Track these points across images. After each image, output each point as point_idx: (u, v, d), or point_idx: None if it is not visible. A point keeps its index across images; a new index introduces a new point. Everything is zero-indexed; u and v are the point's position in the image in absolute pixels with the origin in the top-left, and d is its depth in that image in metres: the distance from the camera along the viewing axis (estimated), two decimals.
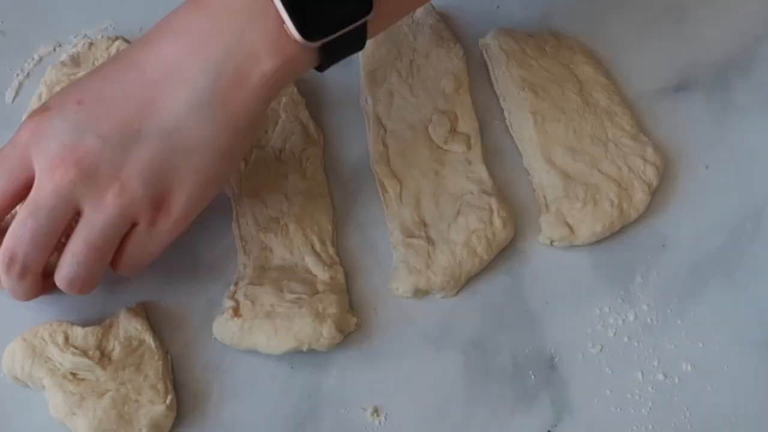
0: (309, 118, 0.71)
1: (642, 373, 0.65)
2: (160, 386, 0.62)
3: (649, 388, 0.65)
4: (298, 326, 0.62)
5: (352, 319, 0.64)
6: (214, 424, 0.63)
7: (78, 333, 0.63)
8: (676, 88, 0.75)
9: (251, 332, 0.63)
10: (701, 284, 0.68)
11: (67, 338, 0.63)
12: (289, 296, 0.64)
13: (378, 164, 0.70)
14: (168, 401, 0.62)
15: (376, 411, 0.64)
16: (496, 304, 0.67)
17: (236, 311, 0.63)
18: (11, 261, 0.58)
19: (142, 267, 0.62)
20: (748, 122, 0.74)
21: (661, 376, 0.65)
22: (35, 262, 0.58)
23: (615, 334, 0.67)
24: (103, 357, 0.63)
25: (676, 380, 0.65)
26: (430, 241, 0.67)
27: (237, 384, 0.64)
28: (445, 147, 0.70)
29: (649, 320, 0.67)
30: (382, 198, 0.70)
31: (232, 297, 0.64)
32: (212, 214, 0.69)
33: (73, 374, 0.62)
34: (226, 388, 0.64)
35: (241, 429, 0.63)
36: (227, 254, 0.68)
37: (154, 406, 0.61)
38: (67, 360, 0.62)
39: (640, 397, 0.65)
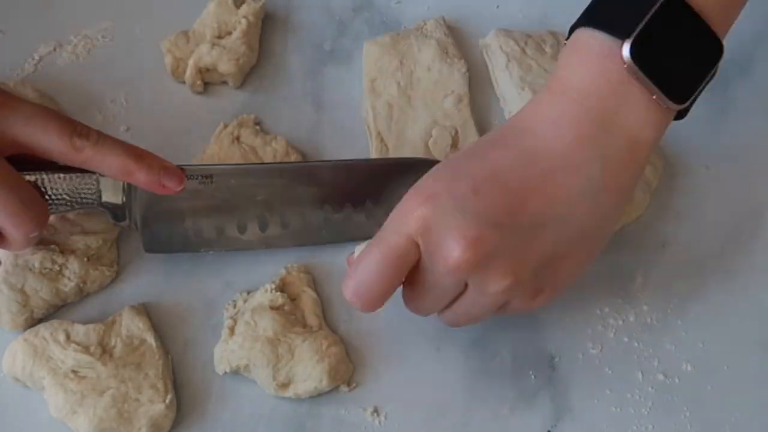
0: None
1: (642, 373, 0.65)
2: (160, 385, 0.62)
3: (649, 388, 0.65)
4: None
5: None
6: (214, 424, 0.63)
7: (79, 330, 0.63)
8: None
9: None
10: (701, 284, 0.68)
11: (68, 336, 0.63)
12: None
13: None
14: (168, 401, 0.62)
15: (376, 411, 0.64)
16: None
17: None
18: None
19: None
20: (748, 122, 0.74)
21: (661, 376, 0.65)
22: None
23: (615, 334, 0.67)
24: (105, 353, 0.63)
25: (676, 380, 0.65)
26: None
27: (237, 384, 0.64)
28: None
29: (649, 320, 0.67)
30: None
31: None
32: None
33: (74, 372, 0.62)
34: (226, 388, 0.64)
35: (241, 429, 0.63)
36: (227, 254, 0.68)
37: (153, 405, 0.61)
38: (68, 357, 0.62)
39: (640, 397, 0.65)
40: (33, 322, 0.64)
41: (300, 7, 0.78)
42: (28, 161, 0.59)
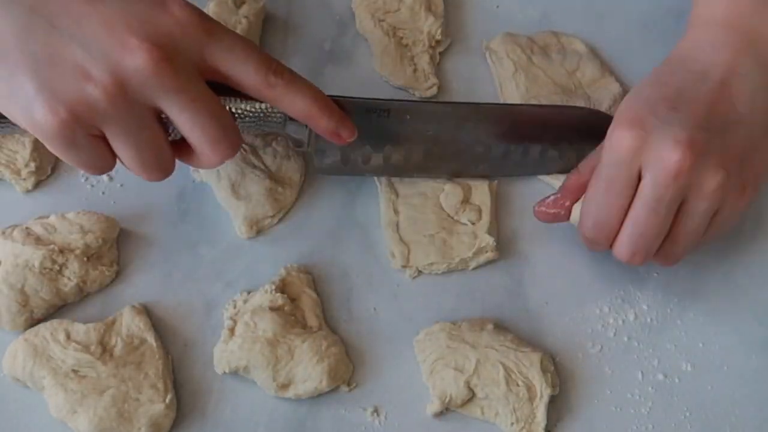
0: None
1: (642, 373, 0.66)
2: (160, 385, 0.62)
3: (649, 388, 0.65)
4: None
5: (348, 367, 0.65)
6: (214, 424, 0.63)
7: (80, 329, 0.63)
8: None
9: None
10: (701, 284, 0.68)
11: (68, 335, 0.63)
12: None
13: (388, 229, 0.69)
14: (167, 400, 0.62)
15: (376, 411, 0.64)
16: (496, 304, 0.67)
17: None
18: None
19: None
20: None
21: (661, 376, 0.65)
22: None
23: (615, 334, 0.67)
24: (105, 352, 0.63)
25: (676, 380, 0.65)
26: None
27: (237, 384, 0.64)
28: (455, 217, 0.69)
29: (649, 320, 0.67)
30: (390, 259, 0.68)
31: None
32: (212, 213, 0.69)
33: (75, 371, 0.62)
34: (226, 388, 0.64)
35: (241, 429, 0.63)
36: (227, 254, 0.68)
37: (153, 405, 0.61)
38: (69, 356, 0.62)
39: (640, 397, 0.65)
40: (33, 322, 0.64)
41: (300, 7, 0.78)
42: (216, 88, 0.60)
